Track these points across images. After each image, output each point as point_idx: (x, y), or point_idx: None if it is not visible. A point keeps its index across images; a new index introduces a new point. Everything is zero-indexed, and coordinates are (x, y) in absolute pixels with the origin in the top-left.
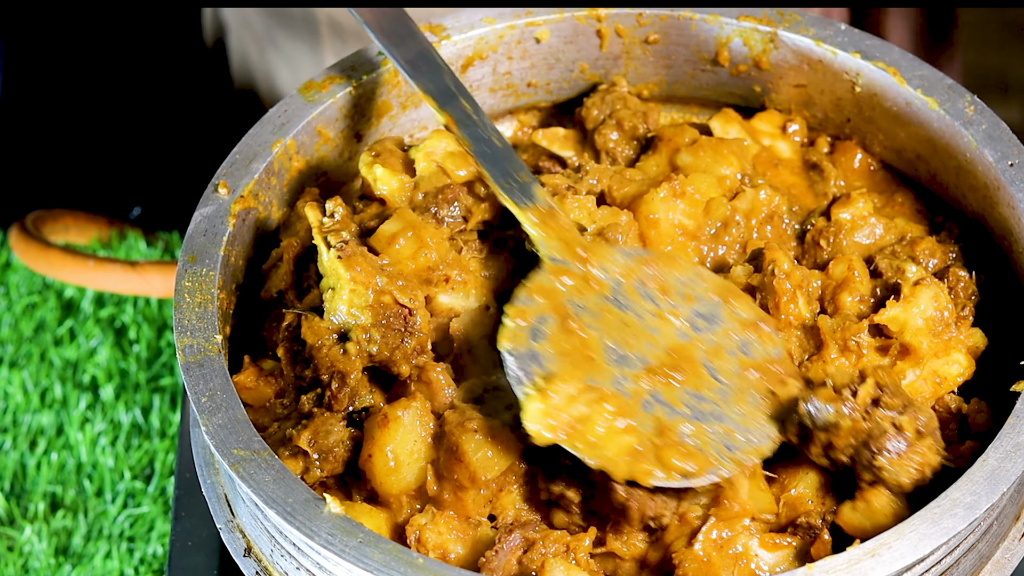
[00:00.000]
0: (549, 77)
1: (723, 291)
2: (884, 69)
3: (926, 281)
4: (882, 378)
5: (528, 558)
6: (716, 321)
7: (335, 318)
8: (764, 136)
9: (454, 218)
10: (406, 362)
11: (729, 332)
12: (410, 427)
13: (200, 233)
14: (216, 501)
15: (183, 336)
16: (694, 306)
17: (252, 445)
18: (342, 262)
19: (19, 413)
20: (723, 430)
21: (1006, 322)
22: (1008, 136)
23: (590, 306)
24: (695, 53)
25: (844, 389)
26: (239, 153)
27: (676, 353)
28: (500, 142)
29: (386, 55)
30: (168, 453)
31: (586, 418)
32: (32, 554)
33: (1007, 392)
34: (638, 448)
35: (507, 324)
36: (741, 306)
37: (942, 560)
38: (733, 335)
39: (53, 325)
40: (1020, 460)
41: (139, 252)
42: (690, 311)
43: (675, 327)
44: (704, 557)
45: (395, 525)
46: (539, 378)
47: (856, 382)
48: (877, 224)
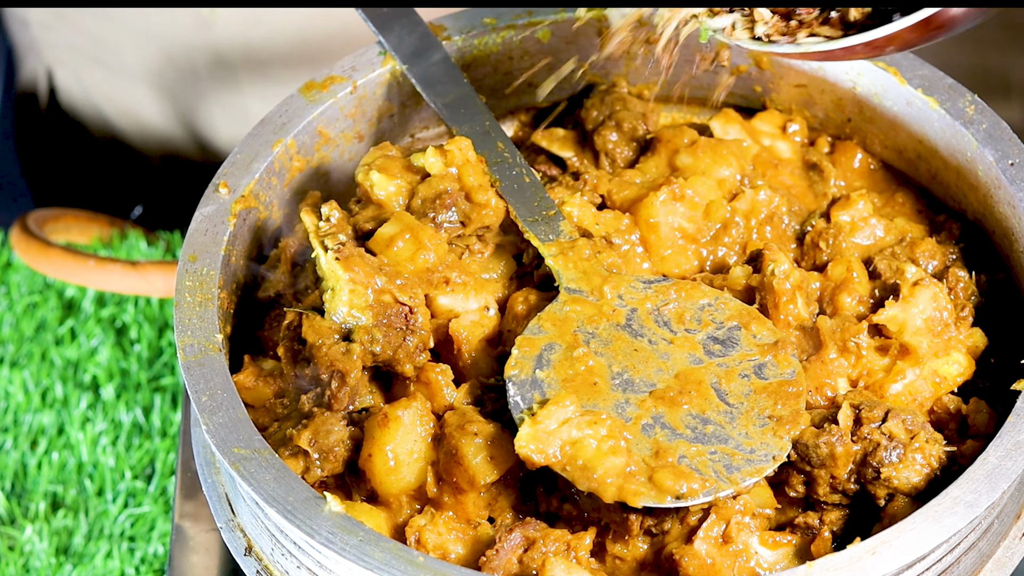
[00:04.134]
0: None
1: (742, 315)
2: (885, 69)
3: (925, 282)
4: (853, 398)
5: (529, 557)
6: (732, 345)
7: (336, 318)
8: (764, 136)
9: (452, 223)
10: (409, 360)
11: (745, 355)
12: (410, 427)
13: (201, 232)
14: (217, 500)
15: (184, 335)
16: (710, 331)
17: (253, 444)
18: (340, 263)
19: (20, 413)
20: (725, 451)
21: (1006, 322)
22: (1009, 135)
23: (602, 334)
24: (695, 53)
25: (824, 423)
26: (240, 153)
27: (685, 377)
28: (529, 177)
29: (426, 99)
30: (169, 452)
31: (578, 441)
32: (33, 553)
33: (1007, 392)
34: (630, 469)
35: (513, 353)
36: (760, 329)
37: (943, 558)
38: (749, 358)
39: (54, 325)
40: (1021, 458)
41: (140, 252)
42: (705, 336)
43: (687, 352)
44: (704, 555)
45: (395, 525)
46: (536, 404)
47: (832, 412)
48: (877, 225)
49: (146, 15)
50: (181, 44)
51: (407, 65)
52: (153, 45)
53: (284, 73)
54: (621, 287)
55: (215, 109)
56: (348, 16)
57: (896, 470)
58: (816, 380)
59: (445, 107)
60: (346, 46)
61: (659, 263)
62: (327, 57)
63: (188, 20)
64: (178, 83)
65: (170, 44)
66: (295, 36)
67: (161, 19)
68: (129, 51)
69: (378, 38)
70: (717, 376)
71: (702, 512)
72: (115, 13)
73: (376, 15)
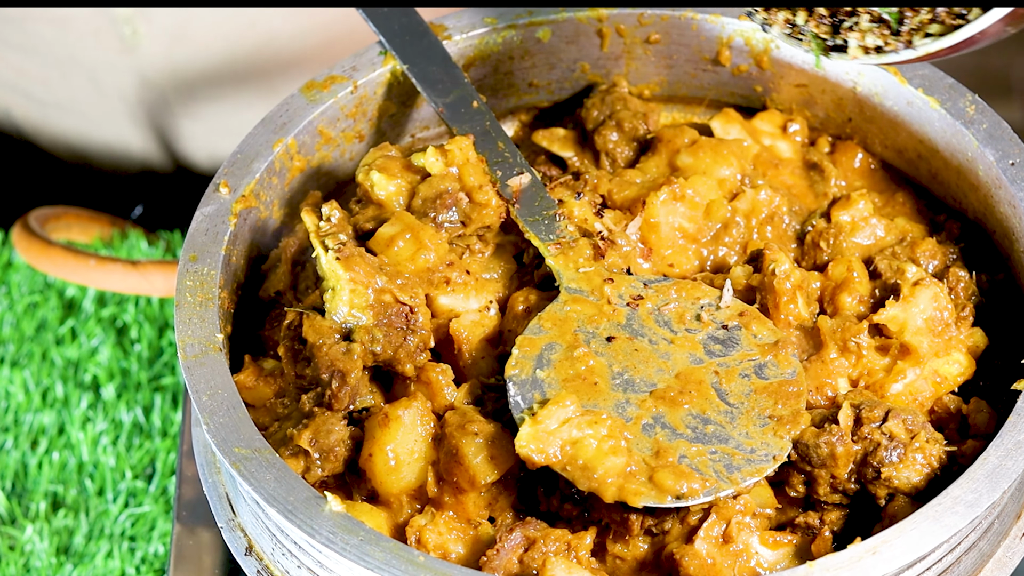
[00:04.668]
0: (550, 77)
1: (743, 315)
2: (885, 68)
3: (925, 281)
4: (854, 397)
5: (529, 556)
6: (732, 344)
7: (336, 318)
8: (765, 136)
9: (452, 223)
10: (410, 360)
11: (745, 355)
12: (411, 427)
13: (201, 232)
14: (217, 500)
15: (184, 335)
16: (710, 330)
17: (253, 443)
18: (341, 263)
19: (20, 412)
20: (725, 451)
21: (1006, 322)
22: (1009, 135)
23: (602, 333)
24: (696, 53)
25: (824, 423)
26: (240, 152)
27: (685, 377)
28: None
29: (426, 99)
30: (169, 452)
31: (578, 441)
32: (33, 553)
33: (1007, 392)
34: (630, 469)
35: (514, 353)
36: (760, 329)
37: (943, 558)
38: (749, 358)
39: (55, 324)
40: (1021, 458)
41: (140, 251)
42: (705, 336)
43: (687, 352)
44: (705, 554)
45: (395, 525)
46: (536, 403)
47: (832, 412)
48: (878, 225)
49: (71, 43)
50: (106, 68)
51: (407, 65)
52: (76, 72)
53: (212, 92)
54: (621, 287)
55: (146, 133)
56: (279, 30)
57: (896, 470)
58: (816, 380)
59: (445, 107)
60: (273, 61)
61: (659, 263)
62: (256, 74)
63: (111, 44)
64: (104, 109)
65: (92, 70)
66: (222, 53)
67: (84, 45)
68: (56, 81)
69: (378, 38)
70: (717, 376)
71: (702, 512)
72: (40, 44)
73: (376, 15)
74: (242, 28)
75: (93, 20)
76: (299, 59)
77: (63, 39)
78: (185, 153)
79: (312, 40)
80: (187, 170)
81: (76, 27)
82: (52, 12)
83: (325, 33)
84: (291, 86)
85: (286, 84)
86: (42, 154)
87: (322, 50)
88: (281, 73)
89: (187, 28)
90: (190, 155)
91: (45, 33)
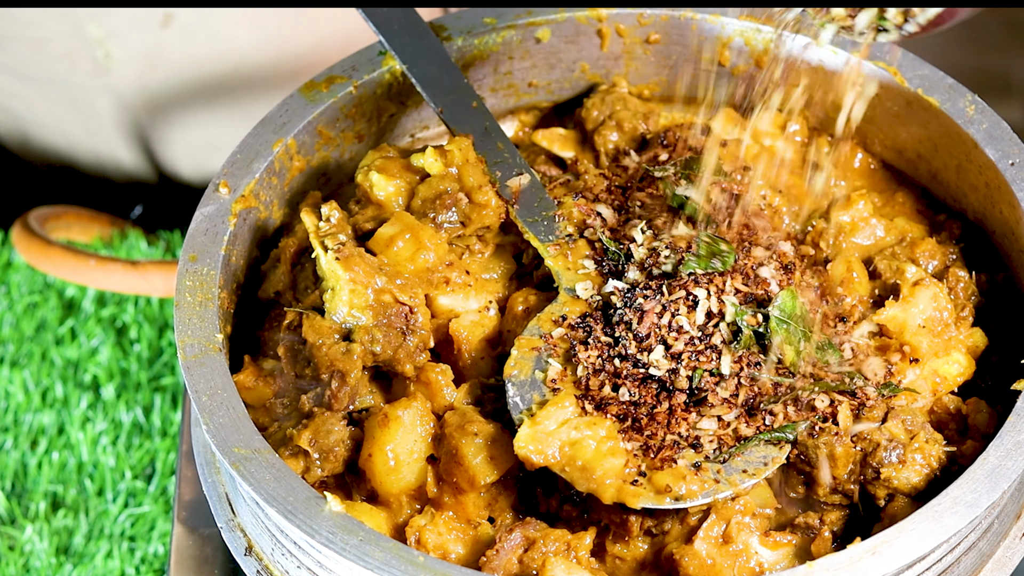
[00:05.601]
0: (550, 77)
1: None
2: (885, 68)
3: (925, 282)
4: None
5: (529, 557)
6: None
7: (336, 318)
8: (765, 136)
9: (452, 223)
10: (409, 360)
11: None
12: (410, 427)
13: (201, 232)
14: (217, 500)
15: (184, 335)
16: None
17: (253, 444)
18: (340, 263)
19: (20, 412)
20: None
21: (1006, 322)
22: (1009, 135)
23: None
24: (696, 53)
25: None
26: (240, 153)
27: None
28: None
29: (426, 99)
30: (169, 452)
31: (577, 442)
32: (33, 553)
33: (1007, 392)
34: (629, 471)
35: (513, 354)
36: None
37: (943, 558)
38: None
39: (54, 324)
40: (1021, 458)
41: (140, 251)
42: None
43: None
44: (704, 555)
45: (395, 525)
46: (535, 404)
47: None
48: (877, 225)
49: (47, 65)
50: (81, 89)
51: (407, 65)
52: (55, 92)
53: (183, 114)
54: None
55: (128, 148)
56: (248, 55)
57: (896, 470)
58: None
59: (445, 107)
60: (250, 80)
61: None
62: (228, 96)
63: (85, 66)
64: (85, 128)
65: (69, 91)
66: (192, 77)
67: (59, 67)
68: (36, 100)
69: (378, 38)
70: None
71: (702, 512)
72: (18, 64)
73: (376, 15)
74: (222, 53)
75: (67, 42)
76: (270, 80)
77: (39, 60)
78: (169, 165)
79: (284, 65)
80: (173, 181)
81: (52, 48)
82: (30, 33)
83: (296, 60)
84: (263, 106)
85: (257, 105)
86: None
87: (293, 74)
88: (249, 93)
89: (158, 56)
90: (173, 167)
91: (23, 54)
